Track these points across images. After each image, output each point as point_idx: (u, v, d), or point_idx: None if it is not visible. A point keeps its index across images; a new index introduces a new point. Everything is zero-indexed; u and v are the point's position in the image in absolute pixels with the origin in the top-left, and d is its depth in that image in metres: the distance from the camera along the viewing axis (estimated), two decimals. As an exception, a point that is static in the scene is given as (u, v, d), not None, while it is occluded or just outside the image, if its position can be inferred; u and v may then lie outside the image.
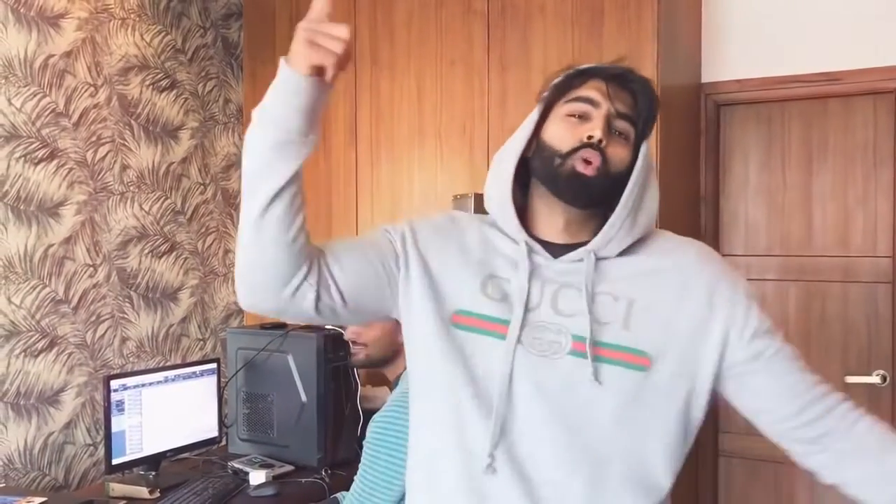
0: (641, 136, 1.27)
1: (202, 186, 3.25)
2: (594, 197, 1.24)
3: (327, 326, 2.81)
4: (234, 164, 3.41)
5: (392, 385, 2.23)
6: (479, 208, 2.51)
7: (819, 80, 2.91)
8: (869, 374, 2.92)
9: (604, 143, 1.21)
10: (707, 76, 3.07)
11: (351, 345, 2.23)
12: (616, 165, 1.23)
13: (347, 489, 2.37)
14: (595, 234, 1.25)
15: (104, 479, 2.53)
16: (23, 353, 2.53)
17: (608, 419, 1.19)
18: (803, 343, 3.02)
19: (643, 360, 1.21)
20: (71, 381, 2.69)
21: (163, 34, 3.06)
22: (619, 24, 2.65)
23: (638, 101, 1.26)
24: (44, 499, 2.18)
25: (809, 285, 3.03)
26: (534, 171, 1.28)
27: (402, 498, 2.04)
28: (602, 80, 1.25)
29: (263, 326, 2.96)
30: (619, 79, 1.26)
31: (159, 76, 3.04)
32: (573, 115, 1.25)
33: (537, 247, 1.27)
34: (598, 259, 1.25)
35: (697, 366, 1.23)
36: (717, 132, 3.12)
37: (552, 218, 1.28)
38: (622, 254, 1.26)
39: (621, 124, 1.24)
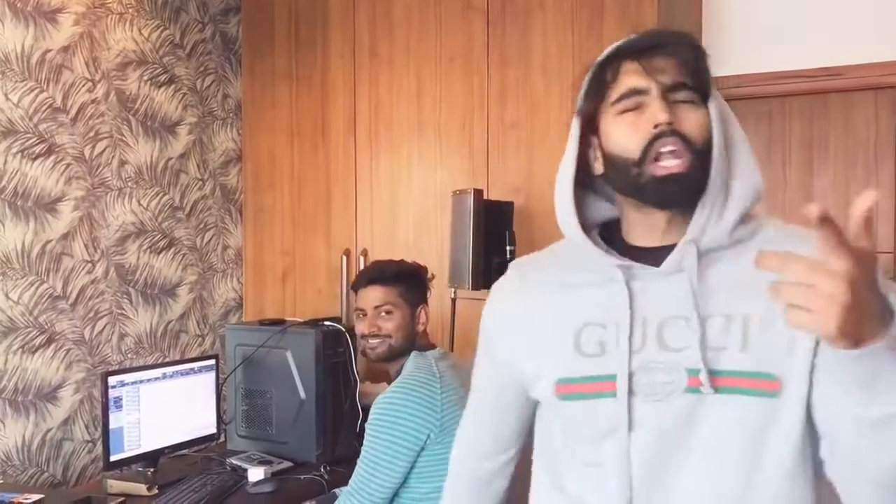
0: (706, 93, 1.09)
1: (201, 182, 3.24)
2: (692, 189, 1.07)
3: (326, 322, 2.81)
4: (232, 159, 3.40)
5: (392, 379, 2.24)
6: (479, 204, 2.51)
7: (820, 75, 2.90)
8: (869, 370, 2.91)
9: (674, 123, 1.04)
10: (707, 71, 3.05)
11: (368, 340, 2.26)
12: (698, 136, 1.06)
13: (346, 485, 2.37)
14: None
15: (102, 476, 2.52)
16: (21, 350, 2.53)
17: (738, 456, 1.05)
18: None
19: (770, 383, 1.04)
20: (69, 377, 2.68)
21: (161, 29, 3.05)
22: (619, 19, 2.64)
23: (682, 61, 1.08)
24: (41, 495, 2.17)
25: (810, 281, 3.02)
26: (615, 187, 1.14)
27: (405, 477, 2.06)
28: (634, 60, 1.08)
29: (262, 323, 2.95)
30: (652, 48, 1.09)
31: (157, 71, 3.03)
32: (624, 113, 1.09)
33: (636, 266, 1.11)
34: (703, 255, 1.08)
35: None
36: (717, 128, 3.10)
37: (650, 223, 1.13)
38: (732, 246, 1.09)
39: (681, 94, 1.07)
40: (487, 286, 2.58)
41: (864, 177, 2.94)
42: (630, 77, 1.08)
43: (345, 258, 3.14)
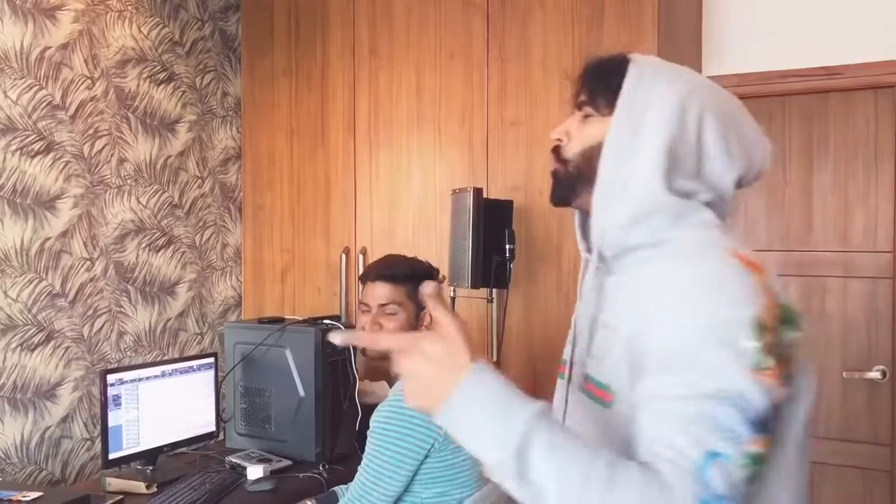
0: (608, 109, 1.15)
1: (200, 180, 3.23)
2: (562, 196, 1.21)
3: (325, 320, 2.81)
4: (231, 157, 3.39)
5: (393, 379, 2.23)
6: (478, 202, 2.50)
7: (819, 75, 2.90)
8: (869, 369, 2.91)
9: (562, 139, 1.20)
10: (707, 70, 3.05)
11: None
12: (574, 148, 1.18)
13: (345, 483, 2.36)
14: None
15: (101, 474, 2.52)
16: (19, 347, 2.52)
17: None
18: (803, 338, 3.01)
19: (606, 394, 1.09)
20: (68, 375, 2.67)
21: (160, 26, 3.04)
22: (619, 17, 2.64)
23: (593, 80, 1.19)
24: (40, 493, 2.17)
25: (809, 280, 3.02)
26: None
27: (407, 485, 2.04)
28: (577, 84, 1.23)
29: (261, 321, 2.95)
30: (582, 73, 1.23)
31: (157, 69, 3.03)
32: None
33: (594, 258, 1.21)
34: (613, 266, 1.15)
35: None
36: (717, 126, 3.10)
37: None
38: (635, 251, 1.11)
39: (585, 110, 1.19)
40: (487, 285, 2.58)
41: (864, 176, 2.94)
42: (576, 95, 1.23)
43: (344, 256, 3.13)
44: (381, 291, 2.19)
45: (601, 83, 1.16)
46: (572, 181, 1.18)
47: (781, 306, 0.98)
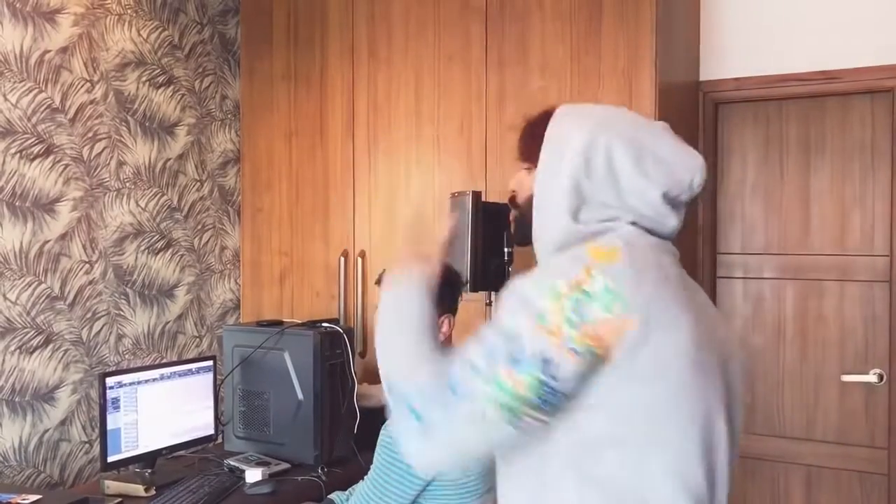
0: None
1: (199, 183, 3.24)
2: (519, 237, 1.42)
3: (324, 324, 2.81)
4: (230, 160, 3.40)
5: None
6: (477, 206, 2.50)
7: (817, 79, 2.91)
8: (866, 372, 2.92)
9: (517, 191, 1.42)
10: (705, 74, 3.06)
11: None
12: (520, 199, 1.42)
13: (344, 488, 2.37)
14: None
15: (99, 477, 2.52)
16: (18, 350, 2.52)
17: None
18: (800, 341, 3.02)
19: None
20: (66, 378, 2.68)
21: (159, 30, 3.05)
22: (618, 21, 2.65)
23: (525, 141, 1.43)
24: (39, 496, 2.17)
25: (806, 284, 3.03)
26: None
27: (412, 502, 2.03)
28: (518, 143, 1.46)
29: (260, 324, 2.95)
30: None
31: (156, 72, 3.03)
32: None
33: None
34: None
35: None
36: (714, 130, 3.11)
37: None
38: None
39: (527, 164, 1.40)
40: (486, 288, 2.58)
41: (861, 179, 2.95)
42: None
43: (343, 259, 3.14)
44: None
45: (532, 139, 1.38)
46: (527, 225, 1.36)
47: (597, 283, 1.15)
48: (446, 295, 2.18)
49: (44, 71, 2.60)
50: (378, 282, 2.24)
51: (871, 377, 2.91)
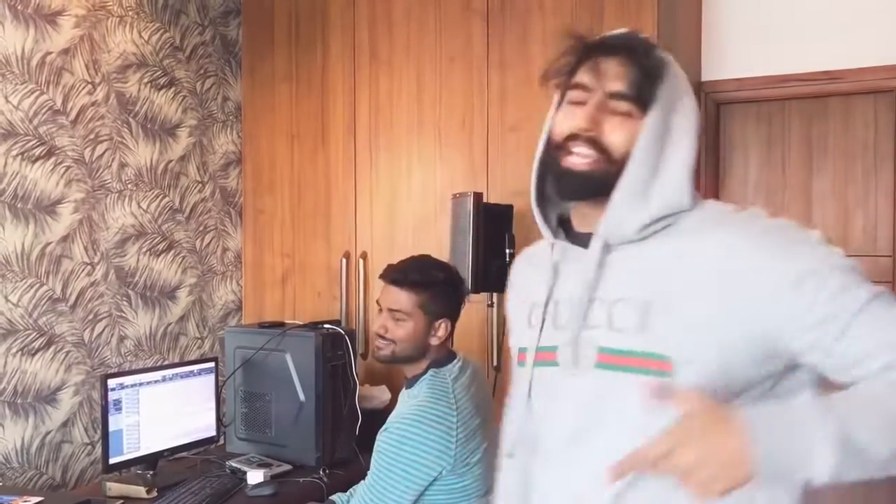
0: (648, 106, 1.15)
1: (200, 184, 3.24)
2: (592, 189, 1.16)
3: (325, 325, 2.81)
4: (232, 162, 3.40)
5: (406, 384, 2.20)
6: (478, 207, 2.50)
7: (819, 79, 2.90)
8: (869, 373, 2.91)
9: (593, 131, 1.14)
10: (707, 75, 3.06)
11: (377, 339, 2.17)
12: (619, 147, 1.14)
13: (345, 489, 2.36)
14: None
15: (101, 479, 2.52)
16: (20, 352, 2.52)
17: (634, 430, 1.06)
18: None
19: (662, 364, 1.09)
20: (68, 379, 2.68)
21: (161, 32, 3.05)
22: (619, 21, 2.64)
23: (637, 74, 1.15)
24: (41, 498, 2.17)
25: (809, 284, 3.02)
26: None
27: None
28: (600, 57, 1.16)
29: (262, 325, 2.95)
30: (613, 51, 1.16)
31: (157, 74, 3.03)
32: (572, 103, 1.18)
33: (568, 246, 1.25)
34: (615, 247, 1.18)
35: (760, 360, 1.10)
36: (716, 131, 3.11)
37: (579, 210, 1.25)
38: (649, 238, 1.16)
39: (620, 105, 1.15)
40: (487, 289, 2.58)
41: (863, 180, 2.94)
42: (586, 73, 1.17)
43: (344, 261, 3.14)
44: (393, 296, 2.14)
45: (649, 87, 1.15)
46: (611, 177, 1.15)
47: None
48: (448, 298, 2.16)
49: (45, 73, 2.61)
50: (398, 277, 2.17)
51: (875, 378, 2.90)
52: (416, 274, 2.14)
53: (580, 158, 1.15)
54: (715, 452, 0.94)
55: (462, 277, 2.27)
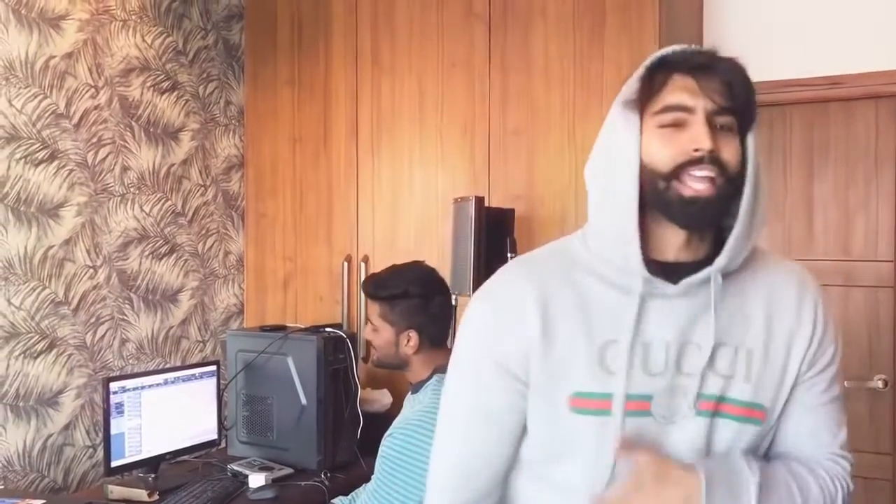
0: (747, 125, 1.10)
1: (203, 188, 3.24)
2: (719, 214, 1.09)
3: (327, 329, 2.81)
4: (234, 165, 3.41)
5: (412, 389, 2.20)
6: (480, 211, 2.51)
7: (820, 84, 2.91)
8: (870, 378, 2.91)
9: (715, 151, 1.05)
10: (708, 79, 3.06)
11: (370, 344, 2.23)
12: (734, 165, 1.07)
13: (347, 493, 2.36)
14: (714, 243, 1.13)
15: (103, 482, 2.52)
16: (22, 355, 2.53)
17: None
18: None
19: (759, 413, 1.15)
20: (70, 382, 2.68)
21: (164, 36, 3.06)
22: (621, 27, 2.65)
23: (733, 87, 1.08)
24: (42, 501, 2.18)
25: (810, 289, 3.02)
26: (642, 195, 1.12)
27: None
28: (687, 74, 1.08)
29: (263, 329, 2.95)
30: (705, 68, 1.09)
31: (160, 78, 3.04)
32: (665, 127, 1.08)
33: (658, 281, 1.10)
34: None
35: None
36: (718, 135, 3.11)
37: (666, 240, 1.12)
38: (737, 273, 1.14)
39: (723, 119, 1.07)
40: (488, 293, 2.57)
41: (865, 185, 2.94)
42: (680, 92, 1.08)
43: (346, 264, 3.14)
44: (370, 307, 2.21)
45: (750, 110, 1.11)
46: (732, 200, 1.08)
47: None
48: (409, 310, 2.15)
49: (49, 76, 2.62)
50: (366, 288, 2.22)
51: (877, 383, 2.90)
52: (375, 286, 2.19)
53: (707, 183, 1.05)
54: (668, 497, 1.05)
55: (439, 287, 2.24)
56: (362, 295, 3.09)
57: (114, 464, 2.45)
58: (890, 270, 2.88)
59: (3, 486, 2.44)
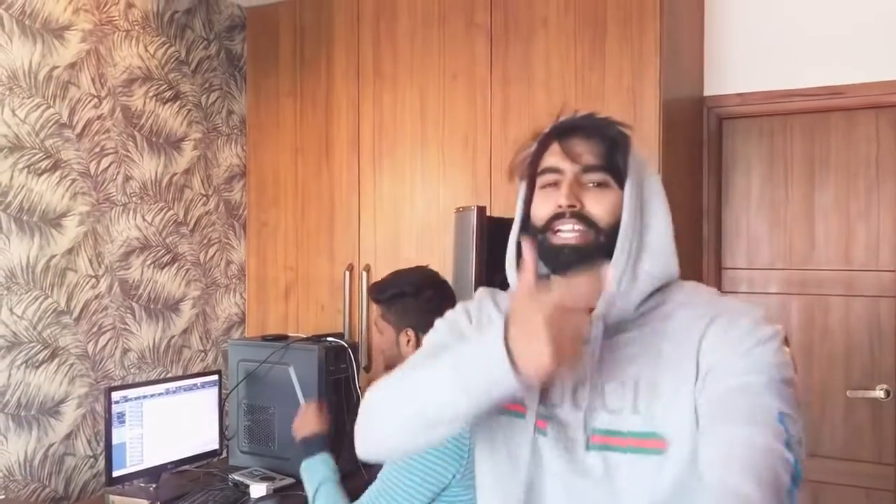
0: (621, 179, 1.19)
1: (205, 198, 3.25)
2: (588, 261, 1.17)
3: (329, 338, 2.81)
4: (236, 175, 3.41)
5: None
6: (482, 221, 2.51)
7: (821, 94, 2.91)
8: (872, 388, 2.91)
9: (577, 206, 1.17)
10: (709, 90, 3.07)
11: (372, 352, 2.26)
12: (604, 217, 1.17)
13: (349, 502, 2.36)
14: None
15: (104, 492, 2.52)
16: (24, 364, 2.53)
17: None
18: (806, 357, 3.02)
19: (658, 442, 1.11)
20: (72, 392, 2.68)
21: (167, 46, 3.07)
22: (622, 38, 2.66)
23: (601, 146, 1.19)
24: (44, 511, 2.18)
25: (812, 299, 3.02)
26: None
27: None
28: (557, 141, 1.22)
29: (265, 338, 2.95)
30: (574, 131, 1.21)
31: (163, 87, 3.05)
32: (546, 187, 1.22)
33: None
34: (612, 325, 1.17)
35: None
36: (719, 145, 3.12)
37: (560, 281, 1.21)
38: (637, 318, 1.18)
39: (594, 176, 1.19)
40: (490, 303, 2.58)
41: (866, 195, 2.94)
42: (553, 156, 1.22)
43: (348, 273, 3.15)
44: (375, 312, 2.25)
45: (616, 158, 1.19)
46: (601, 250, 1.17)
47: None
48: (404, 309, 2.18)
49: (52, 87, 2.63)
50: (369, 292, 2.28)
51: (878, 393, 2.90)
52: (376, 289, 2.24)
53: (570, 234, 1.17)
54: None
55: (431, 284, 2.28)
56: (364, 304, 3.10)
57: (115, 474, 2.45)
58: (891, 280, 2.88)
59: (3, 496, 2.44)
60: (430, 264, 2.43)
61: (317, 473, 2.22)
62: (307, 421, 2.29)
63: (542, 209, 1.21)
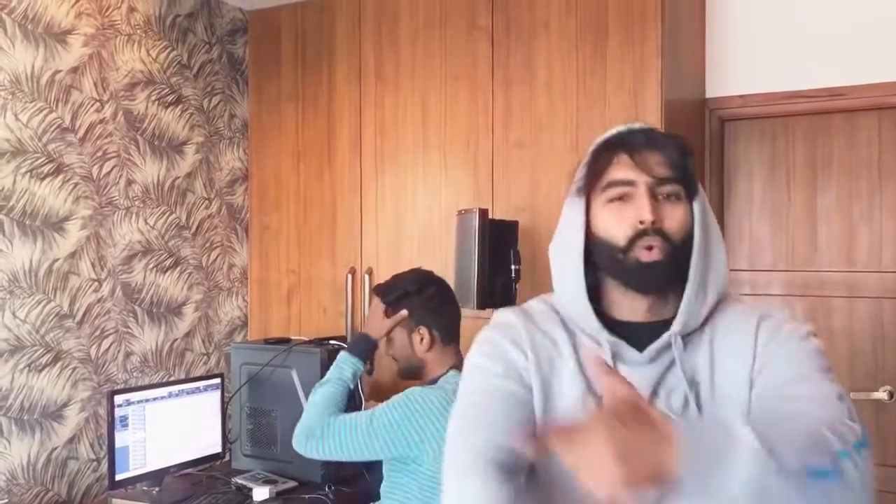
0: (691, 192, 1.20)
1: (207, 201, 3.25)
2: (669, 278, 1.17)
3: (331, 341, 2.81)
4: (238, 178, 3.42)
5: (429, 383, 2.24)
6: (484, 223, 2.51)
7: (823, 96, 2.91)
8: (875, 389, 2.91)
9: (657, 222, 1.15)
10: (711, 92, 3.07)
11: (392, 359, 2.32)
12: (678, 232, 1.17)
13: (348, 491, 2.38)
14: (678, 303, 1.19)
15: (107, 495, 2.52)
16: (27, 368, 2.53)
17: None
18: (809, 359, 3.01)
19: None
20: (75, 395, 2.68)
21: (169, 50, 3.08)
22: (624, 40, 2.66)
23: (672, 157, 1.18)
24: (47, 514, 2.18)
25: (814, 300, 3.02)
26: (598, 262, 1.22)
27: (377, 455, 2.09)
28: (626, 153, 1.18)
29: (267, 341, 2.96)
30: (644, 145, 1.19)
31: (165, 91, 3.06)
32: (613, 201, 1.18)
33: (623, 345, 1.19)
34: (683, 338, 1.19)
35: None
36: (721, 147, 3.12)
37: (634, 303, 1.21)
38: (700, 328, 1.21)
39: (667, 188, 1.17)
40: (492, 305, 2.58)
41: (868, 196, 2.94)
42: (622, 168, 1.18)
43: (350, 277, 3.15)
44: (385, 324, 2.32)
45: (689, 172, 1.20)
46: (679, 265, 1.17)
47: None
48: (414, 306, 2.24)
49: (54, 91, 2.63)
50: (375, 290, 2.34)
51: (882, 394, 2.89)
52: (382, 292, 2.30)
53: (655, 251, 1.15)
54: (637, 437, 0.89)
55: (431, 281, 2.33)
56: (366, 307, 3.10)
57: (118, 477, 2.45)
58: (894, 281, 2.87)
59: (7, 500, 2.44)
60: (422, 266, 2.46)
61: (336, 371, 2.29)
62: (373, 321, 2.32)
63: (617, 226, 1.17)
